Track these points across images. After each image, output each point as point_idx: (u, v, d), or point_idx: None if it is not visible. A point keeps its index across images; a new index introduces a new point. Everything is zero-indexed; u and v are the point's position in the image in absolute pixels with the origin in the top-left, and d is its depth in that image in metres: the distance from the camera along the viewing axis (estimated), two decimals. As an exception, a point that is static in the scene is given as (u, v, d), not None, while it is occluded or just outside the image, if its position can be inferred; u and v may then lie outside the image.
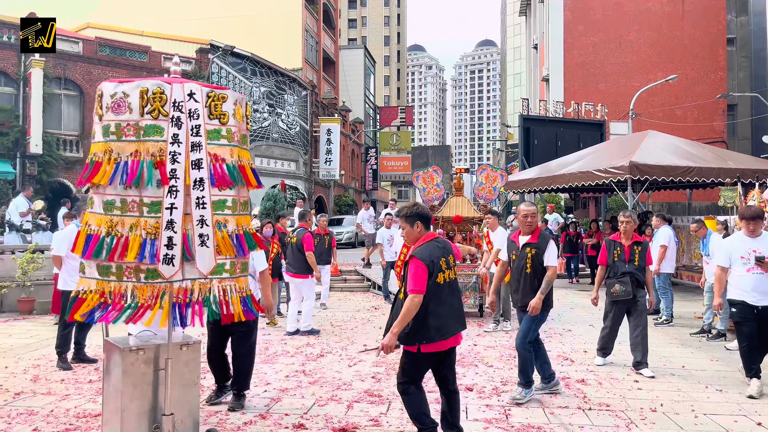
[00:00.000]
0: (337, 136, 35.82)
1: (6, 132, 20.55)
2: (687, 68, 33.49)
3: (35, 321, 10.67)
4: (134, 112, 4.02)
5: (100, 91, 4.16)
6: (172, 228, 4.01)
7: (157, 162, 3.98)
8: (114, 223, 4.00)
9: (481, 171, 12.27)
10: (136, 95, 4.03)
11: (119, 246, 3.96)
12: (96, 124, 4.19)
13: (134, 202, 4.01)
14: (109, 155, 4.01)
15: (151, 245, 3.96)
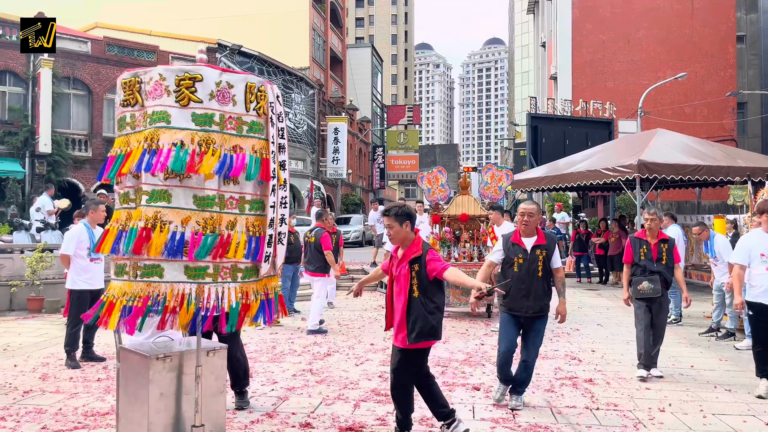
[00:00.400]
0: (344, 134, 35.83)
1: (15, 131, 20.68)
2: (696, 66, 33.29)
3: (44, 319, 10.73)
4: (238, 106, 3.91)
5: (199, 75, 3.81)
6: (272, 226, 4.06)
7: (264, 160, 3.97)
8: (214, 221, 3.80)
9: (486, 170, 12.25)
10: (242, 89, 3.92)
11: (221, 244, 3.79)
12: (182, 108, 3.80)
13: (233, 198, 3.90)
14: (209, 146, 3.76)
15: (256, 243, 3.95)
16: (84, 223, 7.50)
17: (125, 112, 4.00)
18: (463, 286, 4.58)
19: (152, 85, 3.83)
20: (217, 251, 3.73)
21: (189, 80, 3.78)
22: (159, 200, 3.77)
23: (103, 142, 23.23)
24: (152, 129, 3.78)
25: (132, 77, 3.93)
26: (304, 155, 32.02)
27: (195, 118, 3.77)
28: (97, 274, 7.47)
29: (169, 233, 3.68)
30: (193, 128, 3.76)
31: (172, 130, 3.75)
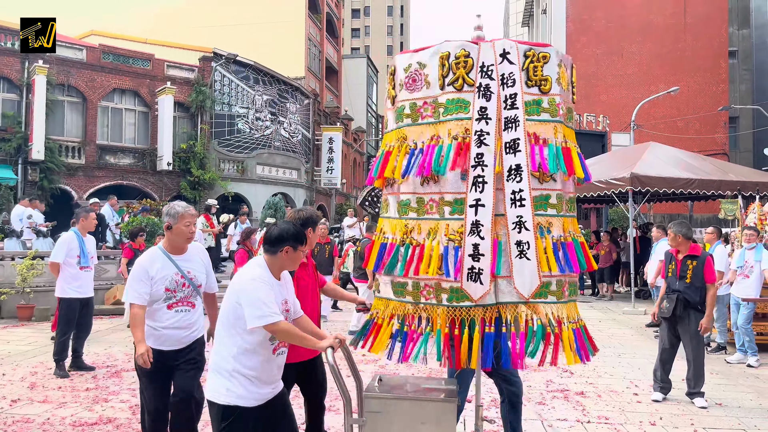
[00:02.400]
0: (339, 144, 35.85)
1: (8, 138, 20.59)
2: (689, 80, 33.55)
3: (34, 327, 10.65)
4: (432, 86, 3.23)
5: (393, 67, 3.43)
6: (478, 232, 3.08)
7: (459, 145, 3.13)
8: (409, 229, 3.21)
9: None
10: (435, 64, 3.21)
11: (414, 257, 3.18)
12: (388, 110, 3.45)
13: (432, 200, 3.19)
14: (401, 143, 3.26)
15: (454, 255, 3.10)
16: (74, 231, 7.46)
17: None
18: None
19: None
20: (409, 265, 3.18)
21: (391, 74, 3.51)
22: (383, 210, 3.51)
23: (97, 150, 23.16)
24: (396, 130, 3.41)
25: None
26: (298, 165, 32.01)
27: (395, 115, 3.42)
28: (87, 283, 7.42)
29: (378, 245, 3.41)
30: (396, 127, 3.39)
31: (386, 133, 3.46)
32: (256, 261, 3.36)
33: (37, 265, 11.60)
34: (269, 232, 3.36)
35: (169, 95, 23.95)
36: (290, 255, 3.30)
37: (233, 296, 3.20)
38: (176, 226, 4.18)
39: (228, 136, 26.96)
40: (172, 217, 4.19)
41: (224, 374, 3.14)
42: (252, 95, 28.35)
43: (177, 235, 4.19)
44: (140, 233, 10.97)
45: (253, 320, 3.07)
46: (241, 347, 3.15)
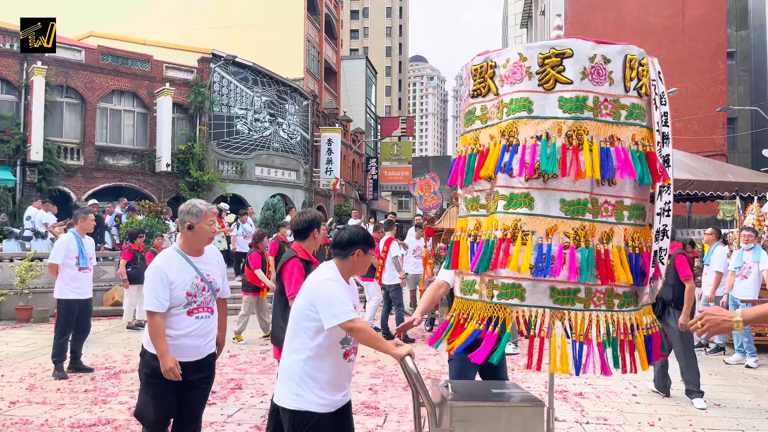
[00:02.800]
0: (337, 145, 35.87)
1: (7, 139, 20.58)
2: (687, 81, 33.57)
3: (33, 329, 10.65)
4: (616, 84, 3.11)
5: (569, 50, 3.11)
6: (658, 240, 3.23)
7: (651, 154, 3.13)
8: (586, 231, 3.02)
9: (412, 186, 12.08)
10: (620, 63, 3.12)
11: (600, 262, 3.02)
12: (546, 93, 3.10)
13: (608, 203, 3.12)
14: (581, 138, 3.02)
15: (637, 261, 3.10)
16: (73, 232, 7.46)
17: (474, 103, 3.40)
18: None
19: (510, 69, 3.20)
20: (601, 272, 3.01)
21: (555, 57, 3.11)
22: (519, 206, 3.10)
23: (96, 151, 23.15)
24: (510, 121, 3.14)
25: (484, 62, 3.32)
26: (297, 166, 32.01)
27: (563, 103, 3.07)
28: (86, 284, 7.42)
29: (533, 246, 3.02)
30: (560, 116, 3.07)
31: (534, 120, 3.09)
32: (327, 264, 3.32)
33: (36, 266, 11.60)
34: (340, 236, 3.35)
35: (167, 96, 23.94)
36: (360, 258, 3.29)
37: (304, 300, 3.15)
38: (199, 226, 3.85)
39: (227, 137, 26.96)
40: (194, 216, 3.86)
41: (294, 379, 3.08)
42: (251, 96, 28.36)
43: (199, 236, 3.87)
44: (139, 235, 10.97)
45: (330, 320, 3.01)
46: (312, 352, 3.09)
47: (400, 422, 5.47)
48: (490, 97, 3.27)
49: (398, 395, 6.36)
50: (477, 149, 3.26)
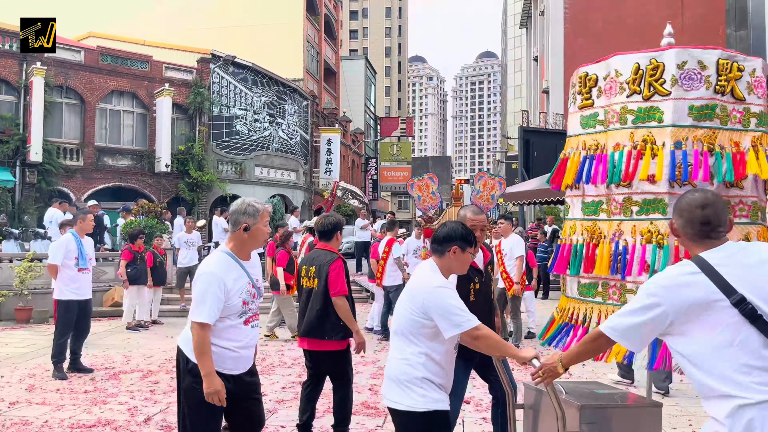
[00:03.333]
0: (337, 146, 35.88)
1: (6, 140, 20.58)
2: (686, 81, 33.59)
3: (32, 330, 10.65)
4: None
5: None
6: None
7: None
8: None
9: (479, 178, 12.06)
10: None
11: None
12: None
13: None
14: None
15: None
16: (72, 233, 7.45)
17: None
18: None
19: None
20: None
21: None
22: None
23: (95, 152, 23.15)
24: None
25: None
26: (296, 166, 32.02)
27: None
28: (85, 285, 7.41)
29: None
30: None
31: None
32: (429, 265, 3.18)
33: (35, 267, 11.59)
34: (437, 232, 3.25)
35: (167, 97, 23.94)
36: (457, 256, 3.15)
37: (414, 305, 3.02)
38: (256, 227, 3.48)
39: (226, 137, 26.96)
40: (250, 216, 3.49)
41: (416, 383, 3.03)
42: (250, 97, 28.36)
43: (255, 238, 3.51)
44: (140, 235, 10.97)
45: (452, 329, 2.93)
46: (428, 356, 3.05)
47: (400, 422, 5.46)
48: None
49: (398, 395, 6.36)
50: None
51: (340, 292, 4.75)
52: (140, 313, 10.88)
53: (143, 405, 5.95)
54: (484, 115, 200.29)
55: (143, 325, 10.82)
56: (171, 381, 6.94)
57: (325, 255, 4.96)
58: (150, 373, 7.34)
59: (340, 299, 4.74)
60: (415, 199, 11.94)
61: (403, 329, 3.08)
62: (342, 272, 4.80)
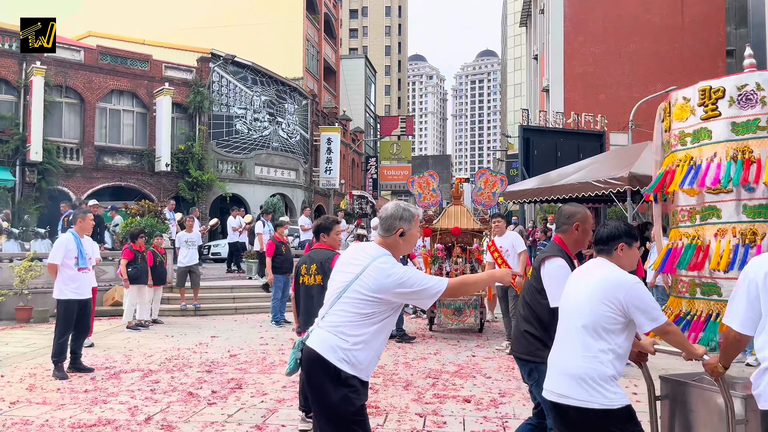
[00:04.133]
0: (337, 145, 35.87)
1: (6, 139, 20.58)
2: (687, 79, 33.28)
3: (32, 329, 10.64)
4: None
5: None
6: None
7: None
8: None
9: (480, 176, 12.03)
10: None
11: None
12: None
13: None
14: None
15: None
16: (72, 233, 7.45)
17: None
18: None
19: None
20: None
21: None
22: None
23: (95, 151, 23.15)
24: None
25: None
26: (296, 165, 32.02)
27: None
28: (85, 284, 7.41)
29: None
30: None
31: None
32: (602, 262, 3.28)
33: (35, 266, 11.58)
34: (599, 234, 3.33)
35: (167, 96, 23.94)
36: (625, 252, 3.27)
37: (610, 301, 3.08)
38: (411, 232, 3.31)
39: (226, 136, 26.95)
40: (406, 221, 3.28)
41: (607, 380, 3.08)
42: (250, 96, 28.35)
43: (409, 243, 3.34)
44: (140, 235, 10.97)
45: (650, 323, 3.05)
46: (615, 353, 3.11)
47: (401, 421, 5.46)
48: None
49: (398, 394, 6.36)
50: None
51: None
52: (140, 313, 10.88)
53: (144, 404, 5.95)
54: (484, 113, 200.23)
55: (144, 324, 10.82)
56: (171, 380, 6.94)
57: (324, 253, 5.22)
58: (150, 373, 7.34)
59: None
60: (416, 197, 11.91)
61: (594, 324, 3.10)
62: None
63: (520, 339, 3.95)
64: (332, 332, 3.10)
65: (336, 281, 3.27)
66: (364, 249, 3.31)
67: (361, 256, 3.24)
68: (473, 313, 10.15)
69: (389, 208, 3.37)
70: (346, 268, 3.24)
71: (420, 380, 6.98)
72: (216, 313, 12.56)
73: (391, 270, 3.11)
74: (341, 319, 3.11)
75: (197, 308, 12.37)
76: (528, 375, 3.96)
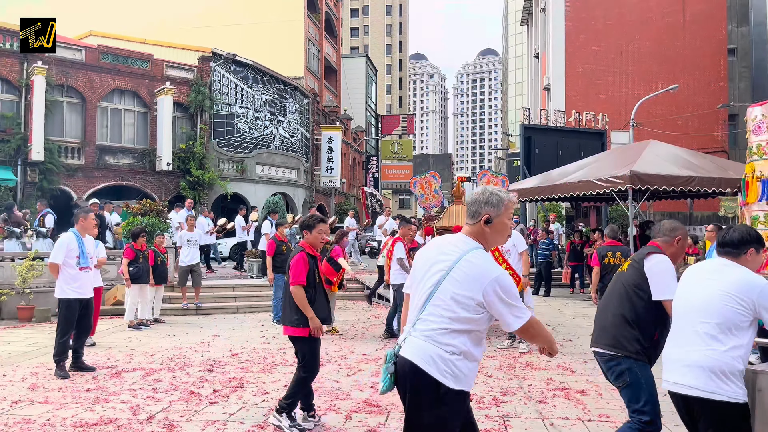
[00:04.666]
0: (338, 144, 35.86)
1: (8, 139, 20.59)
2: (688, 78, 33.51)
3: (34, 328, 10.65)
4: None
5: None
6: None
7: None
8: None
9: (482, 176, 12.03)
10: None
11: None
12: None
13: None
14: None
15: None
16: (73, 232, 7.45)
17: None
18: None
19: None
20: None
21: None
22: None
23: (96, 150, 23.16)
24: None
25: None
26: (297, 164, 32.01)
27: None
28: (87, 283, 7.41)
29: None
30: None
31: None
32: (727, 262, 3.40)
33: (37, 266, 11.59)
34: (729, 236, 3.44)
35: (168, 95, 23.94)
36: (753, 257, 3.38)
37: (743, 300, 3.22)
38: (499, 220, 2.98)
39: (227, 136, 26.95)
40: (493, 207, 2.97)
41: (737, 375, 3.23)
42: (251, 95, 28.34)
43: (498, 232, 2.99)
44: (141, 234, 10.97)
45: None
46: (744, 348, 3.24)
47: (402, 420, 5.46)
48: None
49: (400, 393, 6.35)
50: None
51: (297, 282, 5.22)
52: (142, 312, 10.88)
53: (145, 403, 5.96)
54: (485, 112, 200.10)
55: (145, 323, 10.83)
56: (173, 379, 6.95)
57: (296, 251, 5.47)
58: (152, 372, 7.35)
59: (295, 288, 5.21)
60: (418, 197, 11.89)
61: (727, 322, 3.23)
62: (301, 264, 5.24)
63: (609, 331, 3.91)
64: (428, 340, 2.76)
65: (424, 280, 2.90)
66: (451, 241, 2.96)
67: (449, 250, 2.89)
68: None
69: (476, 191, 3.09)
70: (435, 265, 2.87)
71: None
72: (217, 312, 12.57)
73: (483, 266, 2.77)
74: (435, 324, 2.77)
75: (199, 307, 12.38)
76: (617, 376, 3.89)
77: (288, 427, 5.12)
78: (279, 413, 5.20)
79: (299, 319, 5.18)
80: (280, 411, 5.20)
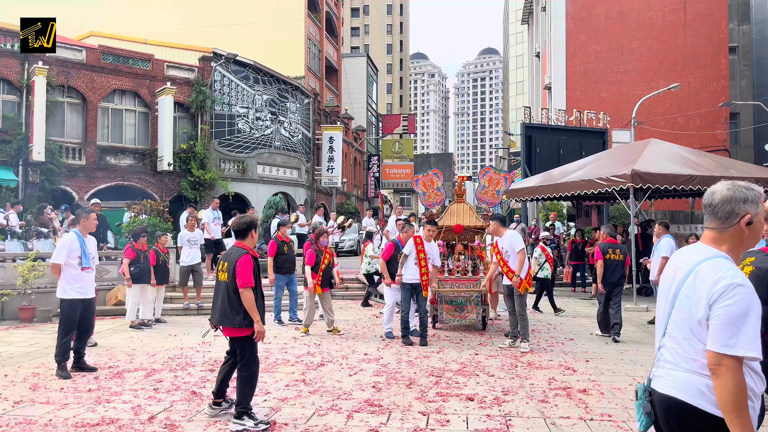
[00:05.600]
0: (339, 143, 35.86)
1: (9, 140, 20.60)
2: (689, 77, 33.48)
3: (36, 329, 10.66)
4: None
5: None
6: None
7: None
8: None
9: (484, 174, 12.00)
10: None
11: None
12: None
13: None
14: None
15: None
16: (75, 232, 7.46)
17: None
18: None
19: None
20: None
21: None
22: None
23: (97, 151, 23.16)
24: None
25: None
26: (299, 164, 32.00)
27: None
28: (89, 284, 7.42)
29: None
30: None
31: None
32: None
33: (39, 266, 11.60)
34: None
35: (169, 95, 23.94)
36: None
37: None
38: (758, 218, 2.44)
39: (228, 135, 26.96)
40: (752, 204, 2.42)
41: None
42: (252, 95, 28.34)
43: (757, 235, 2.46)
44: (142, 234, 10.97)
45: None
46: None
47: (404, 420, 5.46)
48: None
49: (401, 393, 6.35)
50: None
51: (245, 284, 5.27)
52: (143, 312, 10.89)
53: (147, 403, 5.96)
54: (486, 111, 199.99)
55: (147, 323, 10.83)
56: (174, 379, 6.95)
57: (237, 252, 5.45)
58: (153, 372, 7.35)
59: (246, 291, 5.28)
60: (420, 196, 11.90)
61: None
62: (248, 266, 5.30)
63: None
64: (686, 370, 2.32)
65: (663, 296, 2.49)
66: (691, 250, 2.49)
67: (686, 261, 2.44)
68: (475, 310, 10.13)
69: (722, 189, 2.46)
70: (673, 279, 2.43)
71: (423, 378, 6.98)
72: (219, 312, 12.55)
73: (724, 275, 2.24)
74: (685, 348, 2.33)
75: (200, 307, 12.38)
76: None
77: (254, 425, 5.18)
78: (239, 418, 5.23)
79: (245, 320, 5.32)
80: (239, 416, 5.24)
